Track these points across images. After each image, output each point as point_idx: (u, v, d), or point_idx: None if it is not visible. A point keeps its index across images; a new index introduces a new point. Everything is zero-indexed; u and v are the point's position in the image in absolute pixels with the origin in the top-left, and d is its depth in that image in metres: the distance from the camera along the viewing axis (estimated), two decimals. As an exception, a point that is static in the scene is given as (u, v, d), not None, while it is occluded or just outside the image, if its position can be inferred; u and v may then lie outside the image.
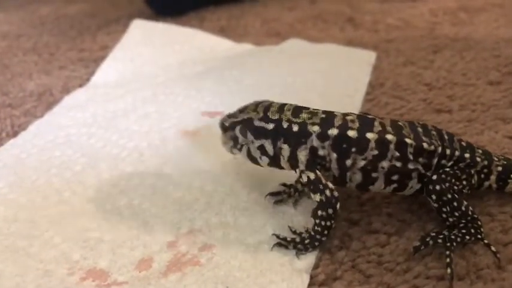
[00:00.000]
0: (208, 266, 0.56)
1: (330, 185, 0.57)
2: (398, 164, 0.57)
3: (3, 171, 0.74)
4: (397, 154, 0.57)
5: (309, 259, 0.56)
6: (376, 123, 0.58)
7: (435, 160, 0.58)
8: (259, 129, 0.60)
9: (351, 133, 0.57)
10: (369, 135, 0.57)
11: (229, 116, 0.64)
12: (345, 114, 0.60)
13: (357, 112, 0.84)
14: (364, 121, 0.58)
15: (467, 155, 0.60)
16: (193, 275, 0.55)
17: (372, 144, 0.57)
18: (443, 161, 0.58)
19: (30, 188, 0.70)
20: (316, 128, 0.58)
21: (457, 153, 0.59)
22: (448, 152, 0.58)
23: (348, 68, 1.00)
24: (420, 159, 0.58)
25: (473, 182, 0.60)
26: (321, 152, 0.58)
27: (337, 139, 0.57)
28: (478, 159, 0.60)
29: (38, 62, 1.17)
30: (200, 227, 0.62)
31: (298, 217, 0.63)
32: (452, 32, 1.16)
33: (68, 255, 0.58)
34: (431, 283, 0.52)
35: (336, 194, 0.57)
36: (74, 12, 1.52)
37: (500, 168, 0.61)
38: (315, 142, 0.58)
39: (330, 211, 0.56)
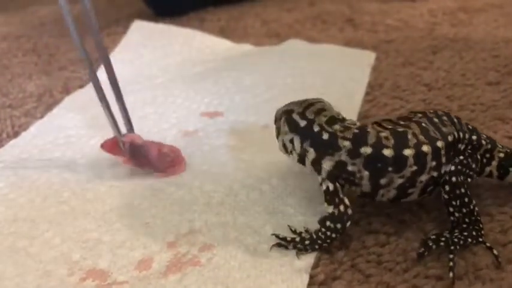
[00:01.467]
0: (208, 266, 0.56)
1: (346, 201, 0.56)
2: (435, 174, 0.57)
3: (4, 171, 0.74)
4: (434, 163, 0.56)
5: (308, 259, 0.56)
6: (410, 136, 0.56)
7: (456, 146, 0.58)
8: (293, 122, 0.59)
9: (387, 152, 0.55)
10: (407, 151, 0.55)
11: (285, 105, 0.63)
12: (379, 131, 0.57)
13: (356, 113, 0.85)
14: (399, 137, 0.56)
15: (474, 137, 0.60)
16: (193, 276, 0.55)
17: (411, 161, 0.55)
18: (459, 145, 0.58)
19: (30, 188, 0.70)
20: (347, 144, 0.56)
21: (467, 135, 0.59)
22: (461, 135, 0.58)
23: (347, 68, 1.00)
24: (452, 153, 0.57)
25: (478, 167, 0.60)
26: (350, 168, 0.56)
27: (371, 158, 0.56)
28: (483, 141, 0.61)
29: (37, 62, 1.17)
30: (200, 227, 0.62)
31: (298, 217, 0.63)
32: (452, 32, 1.16)
33: (67, 256, 0.59)
34: (431, 283, 0.52)
35: (349, 211, 0.56)
36: (74, 14, 1.51)
37: (502, 155, 0.62)
38: (344, 157, 0.56)
39: (339, 226, 0.56)
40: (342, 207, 0.56)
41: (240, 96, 0.91)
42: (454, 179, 0.57)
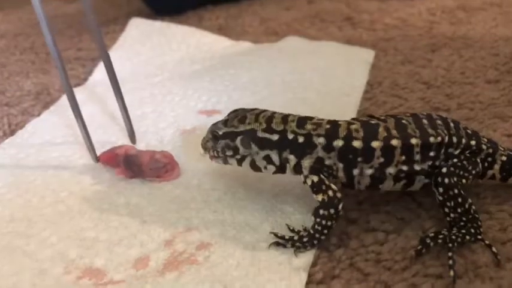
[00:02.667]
0: (205, 264, 0.56)
1: (333, 186, 0.57)
2: (404, 168, 0.58)
3: (1, 171, 0.73)
4: (403, 158, 0.57)
5: (307, 257, 0.56)
6: (381, 129, 0.58)
7: (442, 150, 0.58)
8: (263, 140, 0.60)
9: (356, 143, 0.57)
10: (374, 143, 0.57)
11: (225, 124, 0.62)
12: (349, 123, 0.59)
13: (355, 111, 0.85)
14: (369, 129, 0.58)
15: (473, 142, 0.60)
16: (191, 274, 0.54)
17: (378, 153, 0.57)
18: (451, 150, 0.58)
19: (28, 188, 0.69)
20: (321, 140, 0.58)
21: (463, 140, 0.59)
22: (455, 140, 0.58)
23: (346, 66, 1.00)
24: (431, 154, 0.57)
25: (478, 170, 0.60)
26: (327, 162, 0.58)
27: (343, 150, 0.57)
28: (484, 146, 0.60)
29: (35, 61, 1.17)
30: (197, 225, 0.62)
31: (296, 215, 0.62)
32: (450, 30, 1.15)
33: (64, 254, 0.58)
34: (430, 281, 0.52)
35: (338, 195, 0.57)
36: (72, 12, 1.52)
37: (504, 158, 0.61)
38: (321, 153, 0.58)
39: (332, 211, 0.56)
40: (330, 192, 0.57)
41: (238, 93, 0.90)
42: (446, 180, 0.57)
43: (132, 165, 0.70)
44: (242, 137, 0.60)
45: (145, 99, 0.92)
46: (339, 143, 0.57)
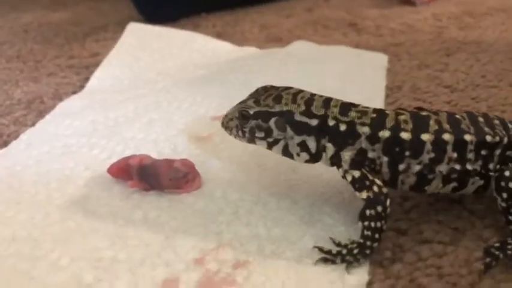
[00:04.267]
0: (246, 285, 0.49)
1: (378, 181, 0.52)
2: (457, 167, 0.52)
3: (-3, 185, 0.65)
4: (455, 155, 0.52)
5: (360, 273, 0.50)
6: (432, 122, 0.52)
7: (498, 151, 0.53)
8: (300, 124, 0.53)
9: (405, 135, 0.51)
10: (424, 136, 0.51)
11: (257, 103, 0.55)
12: (398, 113, 0.54)
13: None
14: (419, 120, 0.53)
15: None
16: (231, 297, 0.47)
17: (428, 147, 0.51)
18: (509, 152, 0.53)
19: (29, 204, 0.61)
20: (366, 129, 0.52)
21: None
22: None
23: (361, 70, 0.95)
24: (482, 152, 0.52)
25: None
26: (370, 155, 0.52)
27: (389, 142, 0.52)
28: None
29: (23, 69, 1.09)
30: (229, 240, 0.55)
31: (339, 227, 0.56)
32: (461, 35, 1.12)
33: (79, 278, 0.50)
34: (504, 297, 0.46)
35: (384, 190, 0.51)
36: (58, 20, 1.44)
37: None
38: (364, 144, 0.52)
39: (380, 209, 0.50)
40: (375, 188, 0.51)
41: (253, 99, 0.84)
42: (511, 184, 0.51)
43: (148, 176, 0.62)
44: (277, 118, 0.54)
45: (149, 106, 0.84)
46: (385, 133, 0.52)
